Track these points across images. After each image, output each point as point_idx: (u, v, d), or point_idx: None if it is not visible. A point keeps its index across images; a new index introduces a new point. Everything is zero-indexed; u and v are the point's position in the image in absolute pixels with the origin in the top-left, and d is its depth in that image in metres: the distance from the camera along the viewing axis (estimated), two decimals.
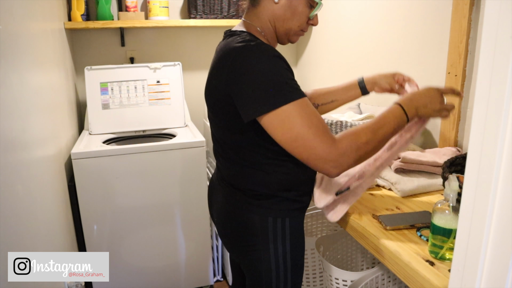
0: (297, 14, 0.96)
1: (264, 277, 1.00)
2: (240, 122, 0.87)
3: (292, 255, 1.00)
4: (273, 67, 0.84)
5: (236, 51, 0.87)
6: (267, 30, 0.98)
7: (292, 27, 0.98)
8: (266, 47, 0.87)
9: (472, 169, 0.49)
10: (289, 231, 0.99)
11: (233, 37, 0.93)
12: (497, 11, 0.44)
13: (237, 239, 1.03)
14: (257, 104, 0.83)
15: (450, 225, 0.77)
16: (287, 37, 1.01)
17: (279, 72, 0.84)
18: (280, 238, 0.98)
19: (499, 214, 0.47)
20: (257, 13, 0.97)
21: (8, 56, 1.01)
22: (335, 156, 0.81)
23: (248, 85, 0.84)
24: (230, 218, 1.03)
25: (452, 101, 1.30)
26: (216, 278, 2.10)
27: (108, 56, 2.26)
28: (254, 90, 0.84)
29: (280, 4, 0.94)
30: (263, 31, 0.98)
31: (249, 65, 0.84)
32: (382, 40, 1.66)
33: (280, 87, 0.83)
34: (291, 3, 0.94)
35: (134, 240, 1.84)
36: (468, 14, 1.21)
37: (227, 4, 2.22)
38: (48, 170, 1.38)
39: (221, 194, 1.06)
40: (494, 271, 0.49)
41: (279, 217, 0.98)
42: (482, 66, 0.47)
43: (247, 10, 1.00)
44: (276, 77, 0.83)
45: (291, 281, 1.02)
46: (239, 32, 0.96)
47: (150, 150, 1.77)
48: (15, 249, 0.88)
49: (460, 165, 1.00)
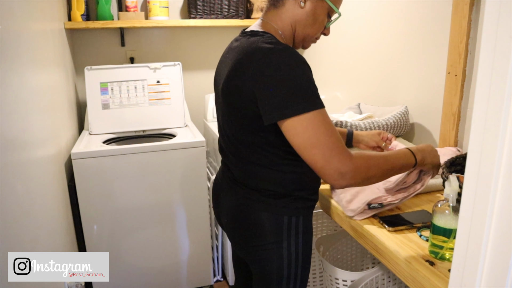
0: (318, 22, 0.97)
1: (276, 275, 1.02)
2: (261, 122, 0.88)
3: (303, 251, 1.03)
4: (302, 73, 0.85)
5: (264, 52, 0.86)
6: (286, 33, 0.98)
7: (310, 33, 0.99)
8: (295, 52, 0.87)
9: (472, 169, 0.49)
10: (302, 228, 1.01)
11: (256, 37, 0.92)
12: (497, 11, 0.44)
13: (251, 239, 1.03)
14: (283, 107, 0.84)
15: (450, 225, 0.77)
16: (303, 42, 1.02)
17: (307, 79, 0.85)
18: (293, 236, 1.00)
19: (499, 214, 0.47)
20: (279, 14, 0.97)
21: (8, 56, 1.01)
22: (349, 169, 0.83)
23: (275, 88, 0.84)
24: (244, 218, 1.02)
25: (452, 100, 1.30)
26: (216, 278, 2.10)
27: (108, 56, 2.26)
28: (281, 93, 0.84)
29: (305, 9, 0.94)
30: (283, 33, 0.97)
31: (279, 68, 0.84)
32: (382, 40, 1.66)
33: (307, 93, 0.84)
34: (316, 10, 0.95)
35: (134, 240, 1.84)
36: (468, 14, 1.21)
37: (227, 4, 2.22)
38: (48, 170, 1.38)
39: (232, 195, 1.06)
40: (494, 271, 0.49)
41: (294, 216, 1.00)
42: (482, 66, 0.47)
43: (267, 10, 0.99)
44: (304, 83, 0.84)
45: (300, 277, 1.05)
46: (262, 32, 0.95)
47: (150, 150, 1.77)
48: (15, 249, 0.88)
49: (460, 165, 1.00)
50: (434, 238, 0.81)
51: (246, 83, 0.88)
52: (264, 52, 0.86)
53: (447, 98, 1.32)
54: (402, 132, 1.45)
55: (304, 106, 0.83)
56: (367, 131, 1.26)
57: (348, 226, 1.05)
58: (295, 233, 1.00)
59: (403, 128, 1.43)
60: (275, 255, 1.00)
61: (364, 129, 1.34)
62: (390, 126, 1.38)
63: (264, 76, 0.85)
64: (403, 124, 1.42)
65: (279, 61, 0.85)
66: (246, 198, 1.01)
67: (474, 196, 0.49)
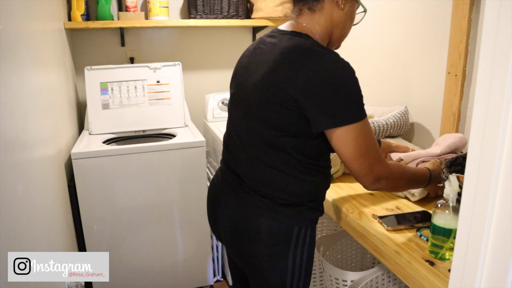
0: (352, 21, 0.99)
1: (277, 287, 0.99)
2: (299, 126, 0.88)
3: (307, 263, 1.00)
4: (355, 82, 0.85)
5: (319, 55, 0.85)
6: (323, 35, 0.96)
7: (346, 33, 1.01)
8: (344, 60, 0.87)
9: (472, 169, 0.49)
10: (308, 239, 0.98)
11: (301, 38, 0.90)
12: (497, 11, 0.44)
13: (255, 249, 0.97)
14: (336, 115, 0.84)
15: (450, 225, 0.77)
16: (339, 43, 1.02)
17: (358, 88, 0.86)
18: (300, 247, 0.97)
19: (499, 214, 0.47)
20: (316, 18, 0.95)
21: (8, 56, 1.01)
22: (386, 176, 0.89)
23: (331, 95, 0.83)
24: (249, 226, 0.97)
25: (452, 100, 1.31)
26: (216, 278, 2.10)
27: (108, 56, 2.26)
28: (336, 101, 0.83)
29: (345, 11, 0.95)
30: (320, 36, 0.96)
31: (334, 74, 0.84)
32: (382, 40, 1.66)
33: (359, 103, 0.85)
34: (352, 11, 0.97)
35: (134, 240, 1.84)
36: (468, 14, 1.21)
37: (227, 4, 2.22)
38: (48, 170, 1.38)
39: (235, 200, 1.00)
40: (494, 271, 0.49)
41: (303, 226, 0.96)
42: (482, 66, 0.47)
43: (301, 13, 0.96)
44: (357, 92, 0.85)
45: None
46: (304, 35, 0.92)
47: (150, 150, 1.77)
48: (15, 249, 0.88)
49: (460, 165, 1.00)
50: (434, 238, 0.81)
51: (295, 84, 0.84)
52: (318, 55, 0.85)
53: (447, 98, 1.32)
54: (402, 132, 1.45)
55: (356, 115, 0.84)
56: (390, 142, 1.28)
57: (348, 226, 1.05)
58: (302, 244, 0.97)
59: (403, 128, 1.43)
60: (279, 267, 0.96)
61: None
62: (390, 125, 1.38)
63: (319, 80, 0.83)
64: (403, 124, 1.42)
65: (334, 67, 0.84)
66: (254, 205, 0.96)
67: (474, 196, 0.49)
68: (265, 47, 0.94)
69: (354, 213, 1.04)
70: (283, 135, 0.90)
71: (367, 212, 1.04)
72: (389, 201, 1.11)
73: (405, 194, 1.11)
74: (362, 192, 1.17)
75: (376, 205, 1.08)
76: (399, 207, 1.06)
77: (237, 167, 1.01)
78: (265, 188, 0.95)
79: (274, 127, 0.90)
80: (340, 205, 1.09)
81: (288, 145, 0.91)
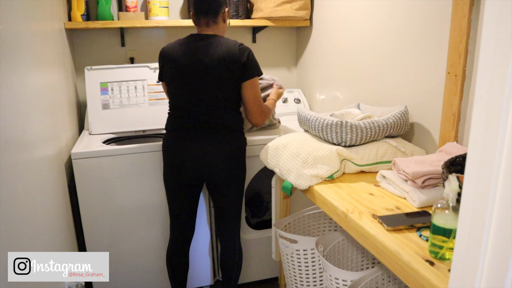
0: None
1: (241, 190, 1.67)
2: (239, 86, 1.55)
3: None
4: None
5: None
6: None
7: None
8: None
9: (472, 169, 0.49)
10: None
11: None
12: (497, 11, 0.44)
13: (235, 168, 1.60)
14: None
15: (450, 225, 0.77)
16: None
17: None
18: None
19: (499, 214, 0.47)
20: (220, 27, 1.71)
21: (8, 56, 1.01)
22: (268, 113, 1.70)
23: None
24: (236, 154, 1.59)
25: (452, 100, 1.30)
26: (216, 278, 2.10)
27: (108, 56, 2.26)
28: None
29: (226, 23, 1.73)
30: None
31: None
32: (382, 40, 1.66)
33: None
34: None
35: (134, 240, 1.84)
36: (468, 14, 1.21)
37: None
38: (48, 170, 1.38)
39: (221, 139, 1.55)
40: (494, 271, 0.49)
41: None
42: (482, 66, 0.47)
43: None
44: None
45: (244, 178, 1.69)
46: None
47: (150, 150, 1.77)
48: (15, 249, 0.88)
49: (460, 165, 1.00)
50: (434, 238, 0.81)
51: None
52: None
53: (447, 98, 1.32)
54: (402, 132, 1.45)
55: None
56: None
57: (348, 226, 1.05)
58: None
59: (402, 128, 1.43)
60: (243, 175, 1.65)
61: (364, 129, 1.34)
62: (390, 125, 1.38)
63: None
64: (402, 124, 1.42)
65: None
66: (236, 138, 1.59)
67: (474, 196, 0.49)
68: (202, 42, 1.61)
69: (354, 213, 1.04)
70: (235, 92, 1.57)
71: (367, 212, 1.04)
72: (389, 201, 1.11)
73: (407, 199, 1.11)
74: (362, 192, 1.17)
75: (376, 205, 1.08)
76: (399, 207, 1.06)
77: (214, 115, 1.54)
78: (235, 127, 1.62)
79: (230, 89, 1.56)
80: (340, 205, 1.09)
81: (236, 97, 1.59)
